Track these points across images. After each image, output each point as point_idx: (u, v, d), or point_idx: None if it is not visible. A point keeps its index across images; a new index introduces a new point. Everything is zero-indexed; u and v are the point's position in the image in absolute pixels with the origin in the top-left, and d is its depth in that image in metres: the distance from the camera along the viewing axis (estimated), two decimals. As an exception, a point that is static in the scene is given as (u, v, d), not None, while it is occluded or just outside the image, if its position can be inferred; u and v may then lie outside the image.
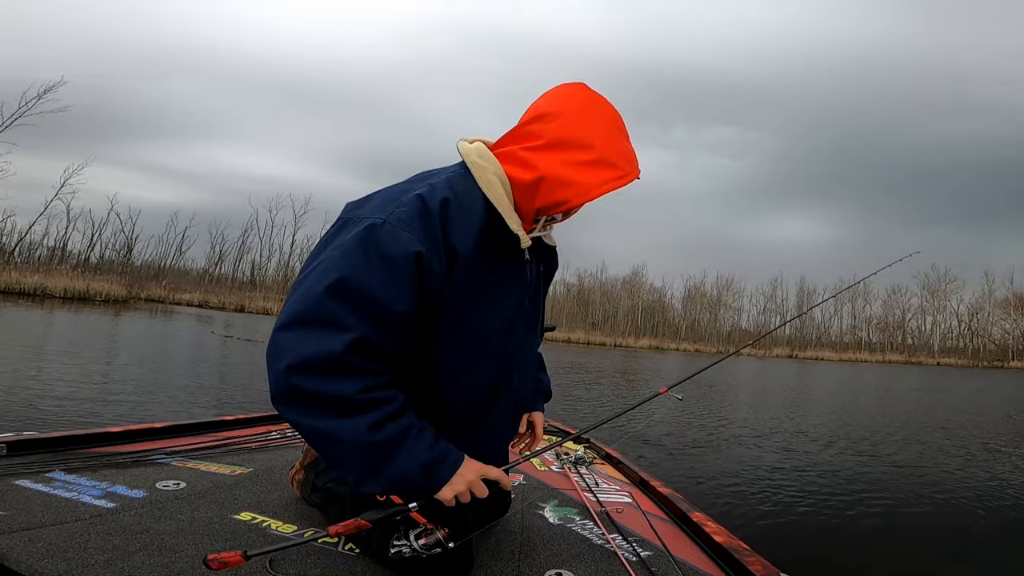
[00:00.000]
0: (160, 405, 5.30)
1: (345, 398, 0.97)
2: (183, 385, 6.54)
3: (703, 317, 53.01)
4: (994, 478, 4.84)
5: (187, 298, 36.39)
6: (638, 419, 4.90)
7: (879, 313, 51.57)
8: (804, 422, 7.69)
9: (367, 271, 0.99)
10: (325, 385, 0.97)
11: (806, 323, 52.02)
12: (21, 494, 1.37)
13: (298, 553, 1.18)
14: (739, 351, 2.27)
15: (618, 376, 11.75)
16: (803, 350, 46.90)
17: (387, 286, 1.00)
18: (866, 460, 5.31)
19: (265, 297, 40.19)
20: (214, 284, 43.98)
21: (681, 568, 1.28)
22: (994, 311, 48.86)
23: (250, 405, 5.49)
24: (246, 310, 35.55)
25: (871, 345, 49.80)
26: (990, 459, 5.74)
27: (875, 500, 3.92)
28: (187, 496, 1.47)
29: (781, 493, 3.95)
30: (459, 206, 1.08)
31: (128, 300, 29.08)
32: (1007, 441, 6.98)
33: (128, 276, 36.18)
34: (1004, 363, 43.95)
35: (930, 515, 3.73)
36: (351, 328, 0.98)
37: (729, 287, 53.33)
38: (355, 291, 0.99)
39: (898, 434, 7.04)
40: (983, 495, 4.23)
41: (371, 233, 1.01)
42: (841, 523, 3.44)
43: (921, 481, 4.57)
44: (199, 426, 2.27)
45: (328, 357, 0.96)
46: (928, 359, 45.60)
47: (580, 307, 51.25)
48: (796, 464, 4.88)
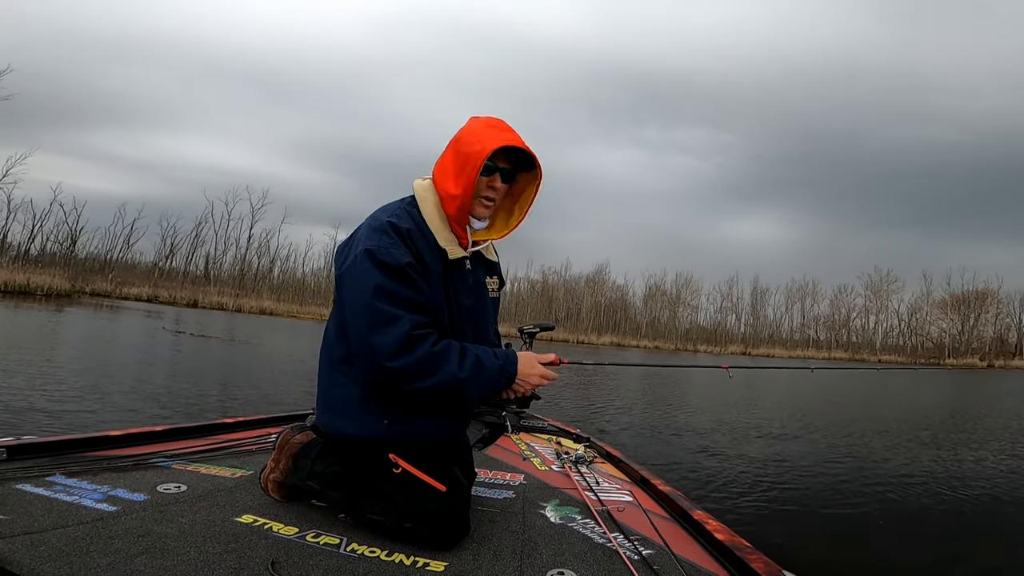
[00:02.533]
0: (96, 414, 4.52)
1: (426, 358, 1.33)
2: (131, 388, 5.90)
3: (663, 315, 54.25)
4: (995, 475, 4.88)
5: (135, 292, 34.84)
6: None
7: (827, 312, 53.97)
8: (800, 421, 7.73)
9: (384, 279, 1.34)
10: (411, 358, 1.32)
11: (759, 321, 54.07)
12: (22, 498, 1.37)
13: (301, 554, 1.21)
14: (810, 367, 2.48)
15: (589, 372, 11.96)
16: (756, 347, 48.61)
17: (403, 286, 1.35)
18: (866, 459, 5.30)
19: (220, 292, 38.87)
20: (164, 278, 42.17)
21: (683, 566, 1.29)
22: (932, 311, 51.87)
23: (207, 409, 5.23)
24: (199, 305, 34.33)
25: (819, 342, 52.05)
26: (990, 458, 5.79)
27: (877, 498, 3.93)
28: (188, 499, 1.48)
29: (781, 490, 3.95)
30: (416, 229, 1.43)
31: (72, 294, 27.76)
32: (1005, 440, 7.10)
33: (72, 269, 34.28)
34: (940, 360, 46.68)
35: (931, 513, 3.74)
36: (401, 317, 1.32)
37: (688, 285, 54.74)
38: (389, 292, 1.33)
39: (897, 433, 7.08)
40: (985, 493, 4.25)
41: (371, 256, 1.35)
42: (844, 520, 3.44)
43: (921, 480, 4.57)
44: (199, 429, 2.28)
45: (402, 339, 1.31)
46: (870, 356, 47.95)
47: (544, 304, 51.62)
48: (796, 463, 4.86)
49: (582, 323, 50.36)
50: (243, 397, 6.09)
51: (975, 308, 49.69)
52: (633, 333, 50.23)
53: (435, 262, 1.44)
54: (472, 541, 1.38)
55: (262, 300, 39.68)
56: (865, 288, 52.94)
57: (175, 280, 42.07)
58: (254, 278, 47.02)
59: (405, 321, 1.31)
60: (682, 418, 7.21)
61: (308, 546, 1.25)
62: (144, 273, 42.74)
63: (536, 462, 2.24)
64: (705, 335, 52.30)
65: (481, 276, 1.61)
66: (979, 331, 49.84)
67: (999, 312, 49.75)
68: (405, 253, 1.37)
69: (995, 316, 49.84)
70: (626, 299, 54.23)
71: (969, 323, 49.82)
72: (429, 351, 1.33)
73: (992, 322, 49.91)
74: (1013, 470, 5.24)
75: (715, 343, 50.02)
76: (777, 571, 1.24)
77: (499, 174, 1.49)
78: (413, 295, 1.36)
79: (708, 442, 5.67)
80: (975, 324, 49.86)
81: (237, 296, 38.63)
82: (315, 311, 36.78)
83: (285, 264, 49.31)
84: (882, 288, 52.54)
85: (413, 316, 1.33)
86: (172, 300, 34.59)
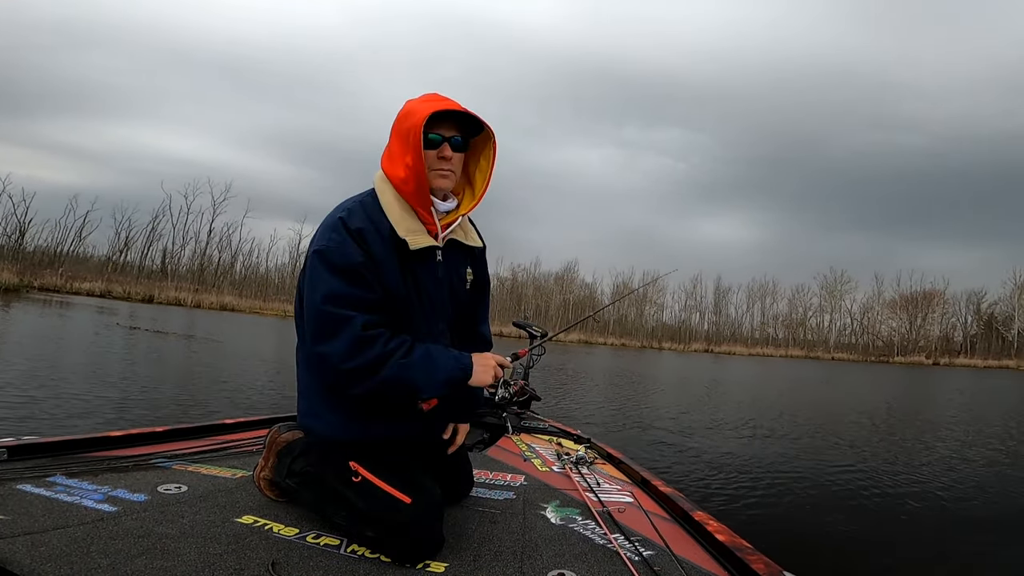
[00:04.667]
0: (26, 423, 4.08)
1: (377, 356, 1.30)
2: (83, 389, 5.57)
3: (630, 313, 55.09)
4: (996, 473, 4.98)
5: (87, 287, 33.28)
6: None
7: (785, 311, 55.81)
8: (795, 420, 7.80)
9: (335, 281, 1.31)
10: (362, 359, 1.29)
11: (721, 319, 55.50)
12: (22, 499, 1.36)
13: (301, 555, 1.21)
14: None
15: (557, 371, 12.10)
16: (718, 345, 49.90)
17: (353, 286, 1.32)
18: (867, 459, 5.32)
19: (178, 287, 37.53)
20: (118, 273, 40.48)
21: (684, 567, 1.29)
22: (882, 311, 54.26)
23: (168, 412, 5.05)
24: (155, 300, 33.09)
25: (777, 340, 53.77)
26: (988, 455, 5.96)
27: (877, 498, 3.95)
28: (188, 500, 1.49)
29: (781, 490, 3.96)
30: (369, 222, 1.38)
31: (20, 288, 26.43)
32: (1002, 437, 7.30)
33: (20, 263, 32.61)
34: (889, 358, 48.90)
35: (931, 513, 3.75)
36: (351, 318, 1.29)
37: (655, 284, 55.75)
38: (339, 295, 1.31)
39: (896, 433, 7.17)
40: (988, 491, 4.32)
41: (322, 256, 1.33)
42: (844, 520, 3.43)
43: (922, 479, 4.60)
44: (199, 430, 2.28)
45: (353, 341, 1.29)
46: (824, 354, 49.76)
47: (513, 301, 51.79)
48: (796, 462, 4.88)
49: (551, 321, 50.67)
50: (206, 399, 5.96)
51: (922, 308, 52.23)
52: (601, 331, 50.86)
53: (391, 256, 1.38)
54: (472, 542, 1.39)
55: (223, 296, 38.50)
56: (821, 288, 55.04)
57: (130, 275, 40.44)
58: (215, 273, 45.59)
59: (356, 322, 1.29)
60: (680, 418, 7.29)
61: (308, 547, 1.26)
62: (97, 267, 40.91)
63: (537, 463, 2.24)
64: (670, 333, 53.41)
65: (456, 266, 1.53)
66: (926, 330, 52.40)
67: (945, 312, 52.52)
68: (356, 251, 1.33)
69: (941, 316, 52.58)
70: (595, 297, 54.89)
71: (916, 322, 52.34)
72: (381, 349, 1.29)
73: (938, 321, 52.59)
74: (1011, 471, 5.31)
75: (679, 341, 51.13)
76: (778, 572, 1.24)
77: (448, 144, 1.42)
78: (363, 294, 1.32)
79: (705, 441, 5.68)
80: (922, 323, 52.40)
81: (196, 292, 37.36)
82: (279, 307, 35.95)
83: (248, 259, 48.07)
84: (836, 288, 54.68)
85: (364, 316, 1.30)
86: (126, 295, 33.20)
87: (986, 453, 6.19)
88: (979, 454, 6.13)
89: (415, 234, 1.40)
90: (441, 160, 1.42)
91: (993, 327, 51.16)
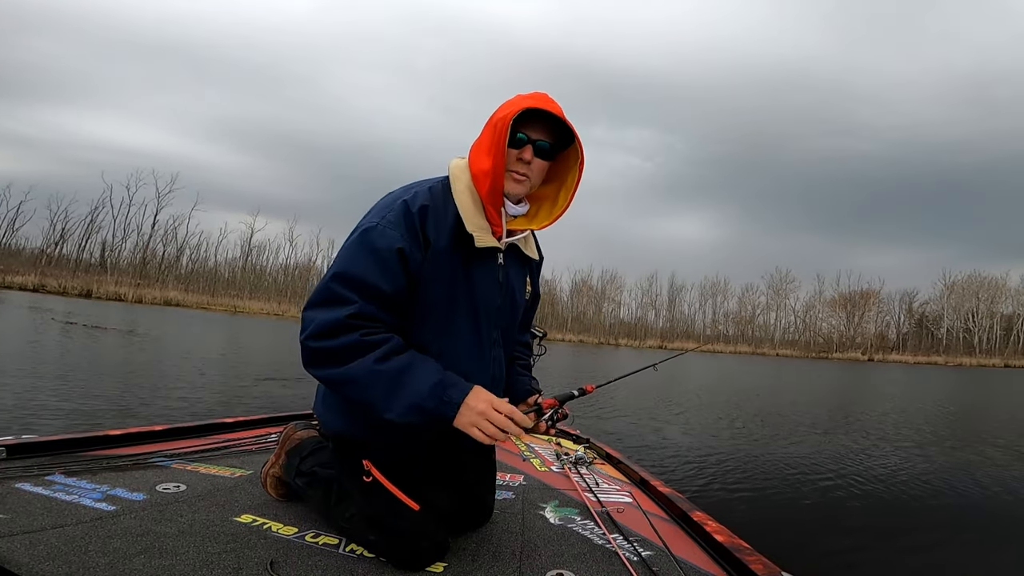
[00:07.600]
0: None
1: (350, 344, 1.17)
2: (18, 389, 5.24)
3: (589, 310, 56.01)
4: (994, 475, 4.93)
5: (19, 281, 31.36)
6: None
7: (735, 309, 58.02)
8: (790, 419, 7.75)
9: (361, 263, 1.22)
10: (333, 342, 1.17)
11: (675, 316, 57.21)
12: (21, 497, 1.35)
13: (299, 554, 1.21)
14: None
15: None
16: (672, 341, 51.41)
17: (377, 273, 1.21)
18: (867, 458, 5.28)
19: (118, 282, 35.79)
20: (53, 266, 38.16)
21: (682, 568, 1.28)
22: (823, 309, 57.18)
23: (113, 414, 4.87)
24: (94, 295, 31.46)
25: (728, 337, 55.86)
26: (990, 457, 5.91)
27: (877, 498, 3.94)
28: (187, 499, 1.48)
29: (780, 490, 3.96)
30: (435, 211, 1.28)
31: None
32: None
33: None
34: (828, 354, 51.61)
35: (931, 512, 3.73)
36: (350, 302, 1.19)
37: (613, 281, 56.90)
38: (352, 278, 1.21)
39: (895, 433, 7.15)
40: (985, 493, 4.29)
41: (365, 234, 1.24)
42: (844, 520, 3.42)
43: (922, 479, 4.56)
44: (198, 429, 2.26)
45: (334, 322, 1.17)
46: (770, 350, 52.10)
47: (471, 299, 51.77)
48: (795, 462, 4.86)
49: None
50: (148, 401, 5.76)
51: (859, 306, 55.37)
52: (560, 327, 51.50)
53: (451, 249, 1.28)
54: (471, 541, 1.38)
55: (167, 291, 37.00)
56: (767, 287, 57.55)
57: (66, 268, 38.20)
58: (158, 267, 43.61)
59: (351, 307, 1.18)
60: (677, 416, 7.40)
61: (307, 546, 1.26)
62: (30, 260, 38.48)
63: (536, 463, 2.24)
64: (627, 329, 54.69)
65: (515, 275, 1.43)
66: (862, 328, 55.58)
67: (880, 310, 55.87)
68: (399, 238, 1.22)
69: (876, 314, 55.89)
70: (553, 294, 55.49)
71: (854, 320, 55.42)
72: (356, 339, 1.17)
73: (874, 319, 55.90)
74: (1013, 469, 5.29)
75: (635, 337, 52.41)
76: (776, 572, 1.25)
77: (531, 146, 1.30)
78: (379, 283, 1.21)
79: (708, 439, 5.65)
80: (859, 321, 55.54)
81: (138, 286, 35.73)
82: (228, 303, 34.79)
83: (195, 253, 46.18)
84: (782, 287, 57.31)
85: (365, 305, 1.19)
86: (62, 290, 31.43)
87: (990, 453, 6.11)
88: (979, 454, 6.07)
89: (483, 231, 1.30)
90: (520, 162, 1.31)
91: (924, 325, 54.78)
